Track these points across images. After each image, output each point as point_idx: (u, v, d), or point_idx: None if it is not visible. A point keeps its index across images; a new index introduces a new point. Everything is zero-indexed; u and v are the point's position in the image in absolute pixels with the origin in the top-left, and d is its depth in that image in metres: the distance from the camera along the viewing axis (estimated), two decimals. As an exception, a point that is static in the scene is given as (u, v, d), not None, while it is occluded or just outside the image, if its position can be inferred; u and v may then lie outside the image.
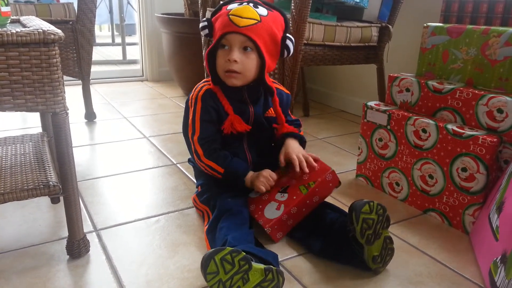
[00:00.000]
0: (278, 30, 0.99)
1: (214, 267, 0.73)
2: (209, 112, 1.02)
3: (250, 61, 0.97)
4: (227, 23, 0.95)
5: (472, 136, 1.00)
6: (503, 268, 0.79)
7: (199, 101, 1.02)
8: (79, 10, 1.73)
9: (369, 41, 1.55)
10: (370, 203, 0.83)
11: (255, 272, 0.74)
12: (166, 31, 2.36)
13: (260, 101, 1.06)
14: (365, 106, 1.27)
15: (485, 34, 1.09)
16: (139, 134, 1.74)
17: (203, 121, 1.02)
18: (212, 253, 0.73)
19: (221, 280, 0.73)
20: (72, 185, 0.85)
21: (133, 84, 2.77)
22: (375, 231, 0.83)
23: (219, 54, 0.99)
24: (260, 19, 0.95)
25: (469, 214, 1.04)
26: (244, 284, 0.73)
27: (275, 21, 0.99)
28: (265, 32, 0.96)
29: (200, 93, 1.03)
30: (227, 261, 0.73)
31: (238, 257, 0.74)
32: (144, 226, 1.04)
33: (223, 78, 1.00)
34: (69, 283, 0.83)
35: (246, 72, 0.98)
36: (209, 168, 1.02)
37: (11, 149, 1.02)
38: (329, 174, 1.00)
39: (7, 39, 0.69)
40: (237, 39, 0.95)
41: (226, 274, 0.73)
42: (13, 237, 0.98)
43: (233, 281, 0.73)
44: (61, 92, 0.77)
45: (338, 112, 2.20)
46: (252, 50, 0.97)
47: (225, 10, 0.98)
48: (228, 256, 0.73)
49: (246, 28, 0.94)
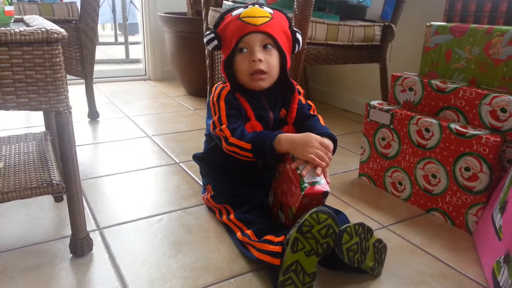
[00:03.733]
0: (287, 27, 1.00)
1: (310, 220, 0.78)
2: (234, 109, 0.99)
3: (273, 58, 0.97)
4: (242, 25, 0.94)
5: (475, 135, 0.99)
6: (506, 268, 0.79)
7: (222, 100, 0.99)
8: (82, 9, 1.74)
9: (372, 40, 1.55)
10: (347, 230, 0.81)
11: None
12: (169, 30, 2.36)
13: (278, 106, 1.05)
14: (368, 105, 1.27)
15: (488, 33, 1.09)
16: (142, 133, 1.74)
17: (230, 116, 0.98)
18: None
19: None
20: (75, 184, 0.85)
21: (136, 83, 2.77)
22: (362, 250, 0.83)
23: (240, 59, 0.97)
24: (271, 16, 0.96)
25: (472, 213, 1.03)
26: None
27: (281, 17, 1.00)
28: (279, 28, 0.97)
29: (222, 93, 1.00)
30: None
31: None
32: (147, 225, 1.04)
33: (248, 83, 0.99)
34: (72, 281, 0.83)
35: (272, 71, 0.98)
36: (237, 148, 0.95)
37: (15, 148, 1.02)
38: (304, 197, 0.84)
39: (11, 38, 0.70)
40: (256, 38, 0.95)
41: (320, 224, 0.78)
42: (17, 236, 0.98)
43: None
44: (64, 91, 0.77)
45: (341, 111, 2.20)
46: (272, 47, 0.97)
47: (231, 17, 0.97)
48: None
49: (264, 25, 0.94)
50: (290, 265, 0.77)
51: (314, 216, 0.77)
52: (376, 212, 1.14)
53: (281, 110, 1.05)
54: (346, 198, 1.21)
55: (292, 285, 0.77)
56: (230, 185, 1.06)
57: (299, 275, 0.77)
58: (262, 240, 0.85)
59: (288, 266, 0.77)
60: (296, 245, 0.77)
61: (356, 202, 1.19)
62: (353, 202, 1.19)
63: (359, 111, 2.12)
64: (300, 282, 0.77)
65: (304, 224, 0.77)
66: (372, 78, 1.94)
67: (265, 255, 0.82)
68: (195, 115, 2.04)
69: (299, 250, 0.77)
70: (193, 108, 2.17)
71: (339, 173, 1.39)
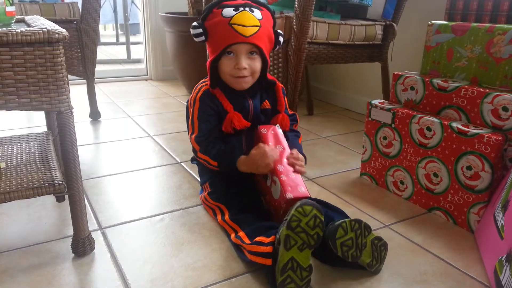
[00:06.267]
0: (271, 29, 1.04)
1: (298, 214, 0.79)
2: (207, 112, 1.04)
3: (256, 64, 1.02)
4: (232, 33, 0.97)
5: (477, 134, 0.99)
6: (508, 267, 0.79)
7: (197, 102, 1.05)
8: (84, 10, 1.74)
9: (373, 39, 1.55)
10: (342, 225, 0.81)
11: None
12: (170, 30, 2.36)
13: (257, 95, 1.09)
14: (370, 104, 1.27)
15: (490, 32, 1.09)
16: (143, 133, 1.74)
17: (201, 121, 1.05)
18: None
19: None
20: (77, 184, 0.85)
21: (138, 83, 2.78)
22: (358, 246, 0.83)
23: (225, 62, 1.01)
24: (260, 24, 0.99)
25: (474, 212, 1.03)
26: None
27: (268, 20, 1.03)
28: (265, 36, 1.01)
29: (198, 94, 1.06)
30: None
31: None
32: (149, 225, 1.04)
33: (231, 83, 1.04)
34: (74, 281, 0.83)
35: (254, 74, 1.03)
36: (205, 162, 1.05)
37: (17, 148, 1.03)
38: (286, 203, 0.89)
39: (12, 38, 0.70)
40: (244, 48, 0.99)
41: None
42: (19, 236, 0.98)
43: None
44: (65, 91, 0.77)
45: (342, 110, 2.20)
46: (257, 54, 1.02)
47: (221, 16, 0.99)
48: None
49: (252, 37, 0.97)
50: (286, 264, 0.77)
51: (300, 210, 0.79)
52: (377, 211, 1.14)
53: (265, 101, 1.10)
54: (347, 197, 1.21)
55: (292, 283, 0.77)
56: (227, 182, 1.07)
57: (297, 272, 0.78)
58: (253, 242, 0.86)
59: (284, 265, 0.77)
60: (289, 242, 0.78)
61: (357, 201, 1.19)
62: (355, 201, 1.19)
63: (360, 110, 2.12)
64: (298, 278, 0.78)
65: (292, 219, 0.78)
66: (373, 77, 1.94)
67: (257, 257, 0.83)
68: (197, 115, 2.03)
69: (292, 246, 0.78)
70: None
71: (340, 172, 1.39)
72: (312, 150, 1.60)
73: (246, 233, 0.90)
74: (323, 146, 1.64)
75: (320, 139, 1.72)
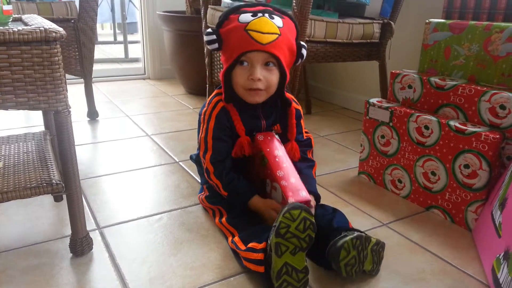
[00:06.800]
0: (293, 39, 0.96)
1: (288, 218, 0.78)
2: (223, 130, 0.98)
3: (273, 77, 0.94)
4: (247, 40, 0.89)
5: (475, 132, 0.99)
6: (506, 265, 0.79)
7: (213, 119, 0.98)
8: (81, 8, 1.73)
9: (371, 38, 1.55)
10: (344, 246, 0.79)
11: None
12: (168, 29, 2.36)
13: (272, 116, 1.03)
14: (367, 103, 1.27)
15: (487, 30, 1.09)
16: (141, 132, 1.74)
17: (216, 139, 0.99)
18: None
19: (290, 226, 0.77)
20: (74, 183, 0.85)
21: (135, 82, 2.77)
22: (360, 260, 0.82)
23: (238, 72, 0.94)
24: (279, 32, 0.91)
25: (472, 210, 1.03)
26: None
27: (290, 30, 0.95)
28: (285, 46, 0.93)
29: (214, 111, 0.99)
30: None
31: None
32: (147, 224, 1.04)
33: (244, 96, 0.96)
34: (72, 280, 0.83)
35: (270, 88, 0.95)
36: (216, 186, 1.02)
37: (14, 147, 1.02)
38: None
39: (9, 37, 0.70)
40: (260, 56, 0.91)
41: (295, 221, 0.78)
42: (16, 235, 0.98)
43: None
44: (63, 90, 0.77)
45: (340, 109, 2.20)
46: (274, 65, 0.94)
47: (237, 22, 0.92)
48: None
49: (269, 45, 0.89)
50: (280, 269, 0.77)
51: (287, 216, 0.77)
52: (375, 209, 1.14)
53: (276, 125, 1.03)
54: (345, 196, 1.21)
55: (289, 286, 0.77)
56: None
57: (292, 275, 0.77)
58: (247, 248, 0.85)
59: (279, 270, 0.77)
60: (280, 249, 0.76)
61: (355, 200, 1.19)
62: (353, 200, 1.19)
63: (358, 108, 2.12)
64: (295, 280, 0.77)
65: (280, 226, 0.77)
66: (371, 76, 1.94)
67: (250, 263, 0.83)
68: (195, 114, 2.03)
69: (284, 252, 0.77)
70: (193, 107, 2.17)
71: (338, 171, 1.39)
72: (310, 148, 1.60)
73: (241, 237, 0.89)
74: (321, 145, 1.64)
75: (318, 138, 1.72)
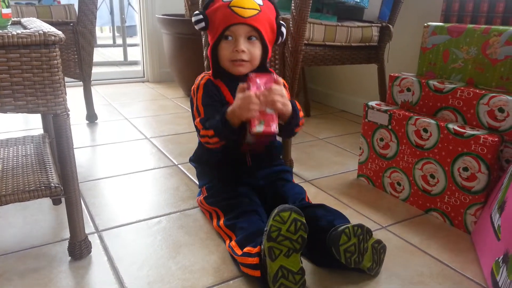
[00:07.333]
0: (273, 18, 1.03)
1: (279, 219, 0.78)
2: (211, 96, 1.04)
3: (256, 49, 1.01)
4: (230, 15, 0.97)
5: (473, 135, 0.99)
6: (505, 268, 0.79)
7: (201, 88, 1.05)
8: (80, 12, 1.74)
9: (369, 41, 1.55)
10: (345, 231, 0.80)
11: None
12: (167, 32, 2.36)
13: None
14: (366, 106, 1.27)
15: (485, 33, 1.09)
16: (140, 135, 1.74)
17: (206, 105, 1.03)
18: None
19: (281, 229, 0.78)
20: (73, 187, 0.85)
21: (134, 85, 2.77)
22: (360, 252, 0.83)
23: (223, 46, 1.01)
24: (260, 9, 0.99)
25: (471, 213, 1.03)
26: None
27: (270, 9, 1.02)
28: (266, 22, 1.00)
29: (202, 81, 1.06)
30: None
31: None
32: (146, 227, 1.04)
33: (229, 68, 1.02)
34: (71, 284, 0.83)
35: (253, 60, 1.02)
36: (207, 137, 0.99)
37: (13, 150, 1.02)
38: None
39: (8, 41, 0.70)
40: (242, 30, 0.98)
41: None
42: (15, 239, 0.98)
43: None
44: (62, 93, 0.77)
45: (339, 112, 2.20)
46: (257, 39, 1.00)
47: (221, 2, 0.99)
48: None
49: (251, 18, 0.97)
50: (276, 273, 0.77)
51: (277, 219, 0.77)
52: (374, 212, 1.14)
53: None
54: (344, 199, 1.21)
55: None
56: (223, 188, 1.06)
57: (289, 278, 0.77)
58: (243, 253, 0.85)
59: (275, 274, 0.77)
60: (273, 253, 0.77)
61: (355, 203, 1.19)
62: (352, 203, 1.19)
63: (357, 111, 2.12)
64: (292, 282, 0.77)
65: (271, 230, 0.77)
66: (370, 79, 1.94)
67: (246, 268, 0.84)
68: (194, 117, 2.03)
69: (278, 256, 0.77)
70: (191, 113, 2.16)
71: (337, 174, 1.39)
72: (309, 151, 1.60)
73: (237, 242, 0.89)
74: (320, 147, 1.64)
75: (317, 140, 1.72)
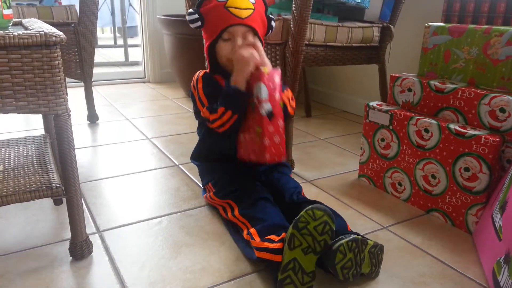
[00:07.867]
0: (264, 13, 1.07)
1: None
2: (212, 85, 1.06)
3: None
4: (228, 16, 1.00)
5: (475, 135, 0.99)
6: (506, 268, 0.79)
7: (200, 80, 1.07)
8: (81, 12, 1.74)
9: (370, 41, 1.55)
10: (340, 249, 0.78)
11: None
12: (168, 32, 2.36)
13: None
14: (367, 106, 1.27)
15: (486, 33, 1.09)
16: (141, 136, 1.74)
17: (208, 94, 1.05)
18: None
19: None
20: (74, 187, 0.85)
21: (135, 85, 2.78)
22: (357, 263, 0.82)
23: (222, 46, 1.03)
24: (254, 7, 1.03)
25: (472, 214, 1.03)
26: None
27: (260, 5, 1.06)
28: (259, 19, 1.05)
29: (200, 74, 1.09)
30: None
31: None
32: (147, 228, 1.04)
33: (228, 66, 1.04)
34: (72, 284, 0.83)
35: None
36: (219, 120, 0.99)
37: (14, 151, 1.02)
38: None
39: (9, 41, 0.70)
40: (240, 30, 1.01)
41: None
42: (16, 239, 0.98)
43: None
44: (63, 94, 0.77)
45: (340, 112, 2.20)
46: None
47: (216, 1, 1.01)
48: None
49: (247, 19, 1.01)
50: (288, 263, 0.77)
51: (309, 213, 0.78)
52: (376, 213, 1.14)
53: None
54: (346, 199, 1.21)
55: (291, 284, 0.77)
56: (230, 179, 1.07)
57: (298, 274, 0.77)
58: (263, 239, 0.85)
59: (286, 264, 0.77)
60: (293, 242, 0.77)
61: (356, 203, 1.19)
62: (353, 203, 1.19)
63: (358, 112, 2.12)
64: (299, 281, 0.77)
65: (300, 220, 0.78)
66: (371, 79, 1.94)
67: (265, 253, 0.82)
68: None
69: (296, 247, 0.77)
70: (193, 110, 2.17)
71: (338, 174, 1.39)
72: (310, 152, 1.60)
73: (257, 230, 0.89)
74: (321, 148, 1.64)
75: (318, 141, 1.72)
